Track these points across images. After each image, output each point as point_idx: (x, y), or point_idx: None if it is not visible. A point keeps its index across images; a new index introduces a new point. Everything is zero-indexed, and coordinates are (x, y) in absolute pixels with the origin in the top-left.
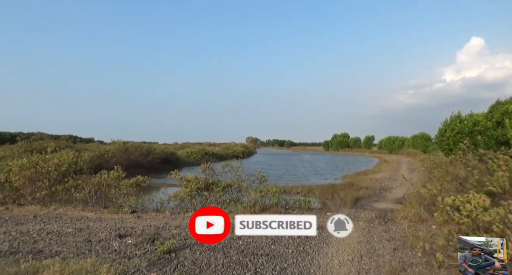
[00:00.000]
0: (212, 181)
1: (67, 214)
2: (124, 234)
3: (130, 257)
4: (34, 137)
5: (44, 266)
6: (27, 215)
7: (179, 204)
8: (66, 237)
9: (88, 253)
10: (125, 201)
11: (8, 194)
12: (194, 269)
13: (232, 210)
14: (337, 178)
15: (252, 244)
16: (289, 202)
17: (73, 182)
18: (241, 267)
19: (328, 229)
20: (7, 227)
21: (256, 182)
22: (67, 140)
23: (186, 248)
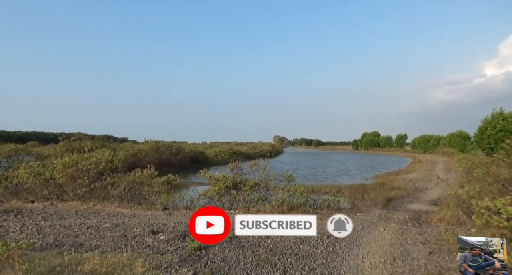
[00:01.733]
0: (240, 179)
1: (104, 210)
2: (156, 230)
3: (162, 253)
4: (73, 137)
5: (85, 258)
6: (69, 210)
7: (208, 202)
8: (104, 231)
9: (124, 247)
10: (157, 198)
11: (53, 190)
12: (224, 266)
13: (260, 208)
14: (367, 178)
15: (280, 243)
16: (317, 201)
17: (110, 179)
18: (270, 265)
19: (358, 230)
20: (52, 221)
21: (283, 181)
22: (103, 139)
23: (216, 245)
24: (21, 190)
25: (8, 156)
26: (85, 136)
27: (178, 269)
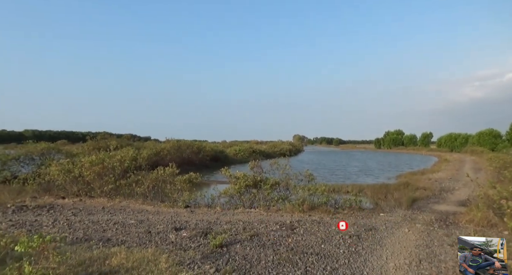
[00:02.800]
0: (260, 178)
1: (129, 207)
2: (179, 227)
3: (185, 249)
4: (100, 136)
5: (112, 253)
6: (97, 206)
7: (229, 201)
8: (129, 227)
9: (148, 243)
10: (179, 196)
11: (81, 187)
12: (245, 264)
13: (280, 207)
14: (390, 178)
15: (301, 242)
16: (338, 201)
17: (134, 177)
18: (291, 264)
19: (381, 230)
20: (81, 216)
21: (304, 180)
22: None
23: (237, 243)
24: (53, 186)
25: (41, 154)
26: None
27: (201, 265)
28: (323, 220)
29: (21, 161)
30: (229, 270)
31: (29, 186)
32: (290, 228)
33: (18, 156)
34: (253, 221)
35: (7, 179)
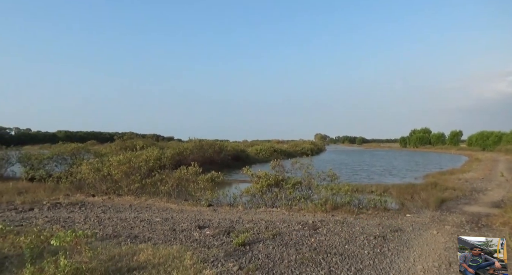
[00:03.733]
0: (282, 177)
1: (155, 205)
2: (202, 225)
3: (209, 247)
4: (126, 136)
5: (140, 249)
6: (125, 204)
7: (251, 200)
8: (155, 225)
9: (173, 240)
10: (202, 194)
11: (110, 185)
12: (268, 262)
13: (302, 207)
14: (417, 177)
15: (324, 242)
16: (362, 201)
17: (159, 176)
18: (314, 264)
19: (408, 232)
20: (110, 213)
21: (327, 180)
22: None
23: (259, 242)
24: (84, 184)
25: (72, 153)
26: (136, 136)
27: (224, 263)
28: (346, 220)
29: (55, 160)
30: (252, 268)
31: (63, 184)
32: (313, 228)
33: (52, 155)
34: (275, 220)
35: (42, 177)
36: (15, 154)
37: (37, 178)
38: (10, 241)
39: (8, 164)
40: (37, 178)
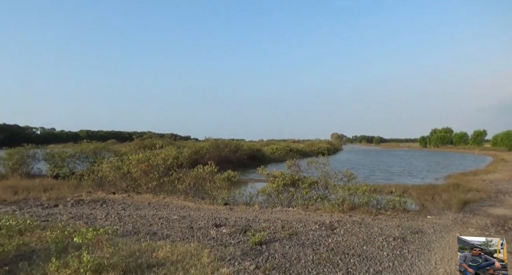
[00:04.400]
0: (298, 177)
1: (172, 203)
2: (219, 223)
3: (226, 245)
4: (145, 136)
5: (159, 246)
6: (144, 201)
7: (267, 199)
8: (173, 222)
9: (191, 238)
10: (218, 193)
11: (129, 183)
12: (285, 262)
13: (319, 207)
14: (438, 178)
15: (342, 243)
16: (381, 201)
17: (176, 174)
18: (332, 265)
19: (429, 234)
20: (130, 211)
21: (344, 179)
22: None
23: (276, 242)
24: (105, 182)
25: (93, 152)
26: (154, 135)
27: (241, 262)
28: (364, 220)
29: (77, 158)
30: (269, 267)
31: (85, 182)
32: (330, 228)
33: (74, 153)
34: (291, 219)
35: (66, 175)
36: (40, 152)
37: (61, 176)
38: (37, 236)
39: (35, 162)
40: (61, 175)
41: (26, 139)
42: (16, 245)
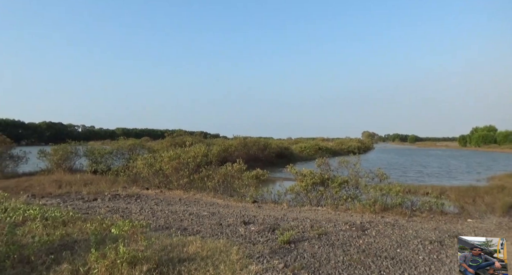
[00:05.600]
0: (328, 176)
1: (202, 199)
2: (247, 221)
3: (254, 243)
4: (176, 133)
5: (189, 241)
6: (175, 197)
7: (295, 197)
8: (203, 219)
9: (220, 234)
10: (246, 191)
11: (161, 179)
12: (314, 262)
13: (349, 207)
14: (479, 180)
15: (374, 244)
16: (415, 203)
17: (206, 172)
18: (363, 267)
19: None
20: (162, 206)
21: (375, 179)
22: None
23: (305, 241)
24: (139, 178)
25: (129, 149)
26: (185, 133)
27: (269, 260)
28: (398, 222)
29: (114, 155)
30: (297, 267)
31: (121, 177)
32: (361, 229)
33: (112, 150)
34: (320, 219)
35: (103, 171)
36: (82, 149)
37: (99, 171)
38: (78, 227)
39: (77, 158)
40: (99, 171)
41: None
42: (60, 235)
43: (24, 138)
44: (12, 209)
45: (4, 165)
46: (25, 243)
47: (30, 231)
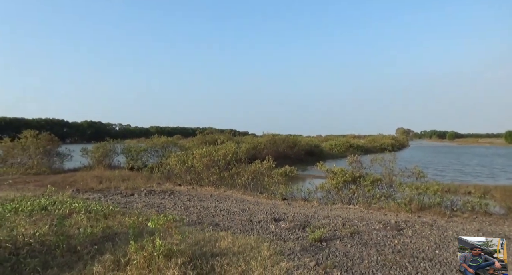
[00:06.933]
0: (360, 174)
1: (232, 196)
2: (278, 218)
3: (285, 240)
4: (206, 131)
5: (221, 236)
6: (206, 194)
7: (325, 195)
8: (233, 215)
9: (250, 231)
10: (276, 188)
11: (193, 176)
12: (347, 261)
13: (383, 206)
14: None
15: (410, 245)
16: (456, 203)
17: (235, 169)
18: (399, 267)
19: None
20: (194, 202)
21: (411, 178)
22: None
23: (336, 239)
24: (172, 175)
25: (162, 146)
26: (215, 131)
27: (301, 257)
28: (436, 223)
29: (149, 152)
30: (329, 265)
31: (155, 174)
32: (396, 229)
33: (147, 147)
34: (352, 218)
35: (139, 167)
36: (119, 146)
37: (136, 168)
38: (118, 220)
39: (115, 155)
40: (136, 167)
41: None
42: (102, 227)
43: (68, 136)
44: (60, 202)
45: (52, 161)
46: (72, 234)
47: (76, 223)
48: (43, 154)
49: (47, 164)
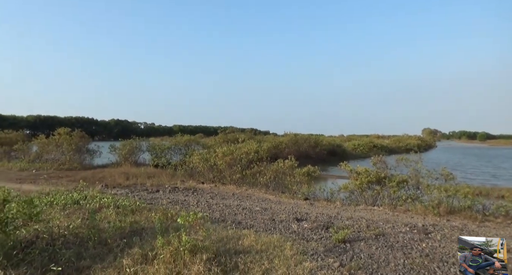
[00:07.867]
0: (385, 175)
1: (254, 195)
2: (300, 218)
3: (307, 240)
4: (228, 130)
5: (244, 234)
6: (228, 192)
7: (349, 196)
8: (255, 214)
9: (273, 230)
10: (298, 188)
11: (216, 174)
12: (372, 263)
13: (409, 208)
14: None
15: (439, 249)
16: (488, 207)
17: (257, 168)
18: (427, 272)
19: None
20: (217, 200)
21: (440, 179)
22: (250, 132)
23: (361, 241)
24: (195, 173)
25: (185, 144)
26: (236, 130)
27: (324, 258)
28: (466, 227)
29: (172, 150)
30: (354, 266)
31: (179, 172)
32: (424, 232)
33: (171, 145)
34: (377, 219)
35: (164, 165)
36: (144, 144)
37: (160, 165)
38: (145, 216)
39: (140, 152)
40: (160, 165)
41: (133, 132)
42: (130, 222)
43: (96, 133)
44: (90, 196)
45: (83, 158)
46: (102, 228)
47: (105, 217)
48: (75, 150)
49: (78, 160)
